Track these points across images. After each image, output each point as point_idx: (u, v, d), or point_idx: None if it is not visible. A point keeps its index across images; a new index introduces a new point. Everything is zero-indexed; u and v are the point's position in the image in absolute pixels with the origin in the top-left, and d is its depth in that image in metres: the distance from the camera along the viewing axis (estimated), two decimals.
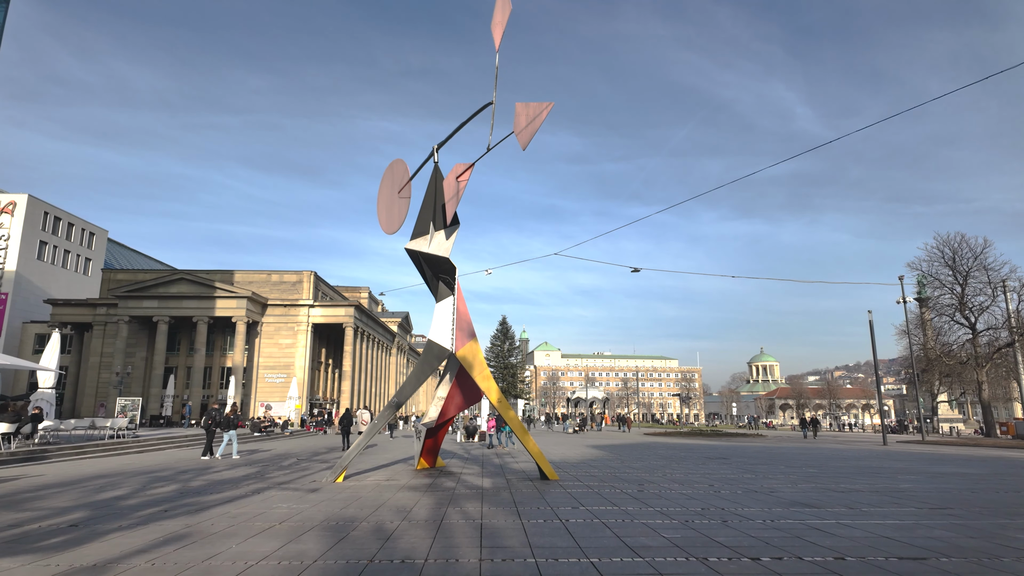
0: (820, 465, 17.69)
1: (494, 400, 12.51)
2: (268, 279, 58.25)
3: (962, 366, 47.03)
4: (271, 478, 12.87)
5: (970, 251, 45.18)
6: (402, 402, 12.76)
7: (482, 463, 16.96)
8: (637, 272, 31.17)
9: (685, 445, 29.20)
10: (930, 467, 17.46)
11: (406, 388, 12.92)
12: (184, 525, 7.35)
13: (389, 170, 15.30)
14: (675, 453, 22.46)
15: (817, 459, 20.30)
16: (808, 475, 14.37)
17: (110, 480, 12.49)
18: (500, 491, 10.68)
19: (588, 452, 22.35)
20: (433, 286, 13.89)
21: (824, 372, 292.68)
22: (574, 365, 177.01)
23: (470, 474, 13.70)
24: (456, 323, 12.82)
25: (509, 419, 12.54)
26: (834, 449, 27.55)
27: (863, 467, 17.16)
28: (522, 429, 12.47)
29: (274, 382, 55.69)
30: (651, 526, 7.38)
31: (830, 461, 19.44)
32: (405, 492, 10.51)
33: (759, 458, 20.37)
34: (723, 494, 10.52)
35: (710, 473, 14.51)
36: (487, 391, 12.57)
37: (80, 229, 73.59)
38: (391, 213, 14.55)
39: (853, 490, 11.34)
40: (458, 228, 14.05)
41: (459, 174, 13.38)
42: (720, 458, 20.15)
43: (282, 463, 16.90)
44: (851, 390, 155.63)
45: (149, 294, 53.11)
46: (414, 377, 12.93)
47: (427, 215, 13.91)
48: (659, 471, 14.85)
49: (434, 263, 13.50)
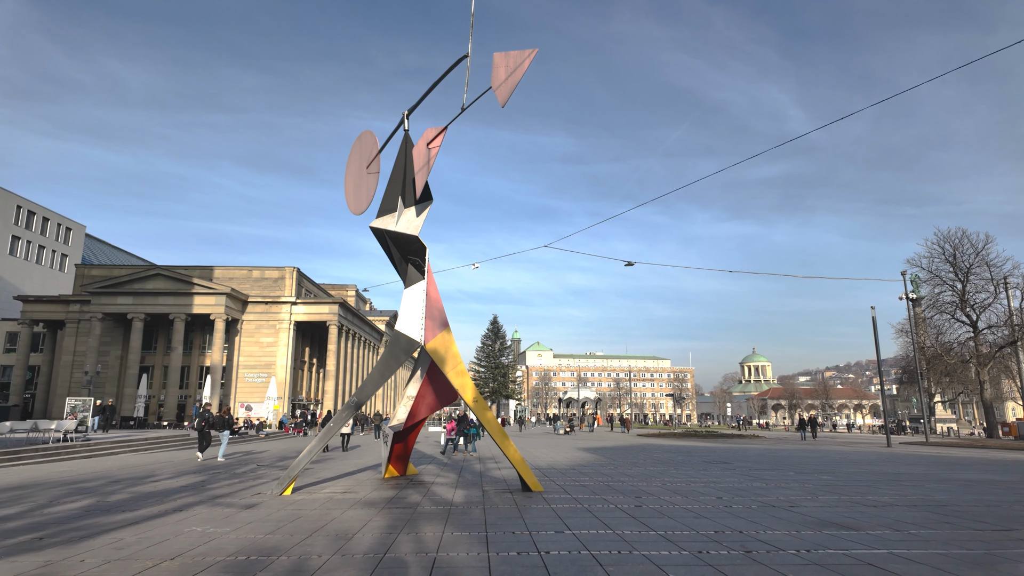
0: (832, 471, 16.12)
1: (469, 399, 10.83)
2: (249, 275, 56.23)
3: (963, 365, 45.85)
4: (211, 490, 11.11)
5: (971, 247, 43.95)
6: (362, 401, 11.05)
7: (460, 470, 15.26)
8: (631, 266, 29.64)
9: (681, 447, 27.64)
10: (952, 473, 15.93)
11: (368, 385, 11.21)
12: (43, 563, 5.61)
13: (357, 143, 13.59)
14: (672, 457, 20.87)
15: (826, 463, 18.76)
16: (824, 484, 12.78)
17: (19, 493, 10.69)
18: (472, 507, 9.00)
19: (579, 456, 20.71)
20: (402, 269, 12.19)
21: (815, 373, 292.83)
22: (566, 365, 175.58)
23: (443, 484, 12.00)
24: (426, 311, 11.12)
25: (486, 421, 10.85)
26: (839, 452, 26.06)
27: (880, 473, 15.60)
28: (501, 433, 10.79)
29: (255, 382, 53.65)
30: (656, 561, 5.72)
31: (841, 466, 17.89)
32: (358, 509, 8.80)
33: (763, 462, 18.80)
34: (735, 509, 8.89)
35: (714, 481, 12.90)
36: (461, 389, 10.89)
37: (56, 224, 71.19)
38: (359, 191, 12.85)
39: (885, 503, 9.74)
40: (430, 204, 12.36)
41: (430, 140, 11.70)
42: (721, 462, 18.57)
43: (236, 470, 15.12)
44: (844, 390, 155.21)
45: (123, 290, 50.96)
46: (378, 373, 11.21)
47: (395, 190, 12.21)
48: (657, 479, 13.22)
49: (402, 243, 11.80)
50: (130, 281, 51.05)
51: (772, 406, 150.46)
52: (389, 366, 11.19)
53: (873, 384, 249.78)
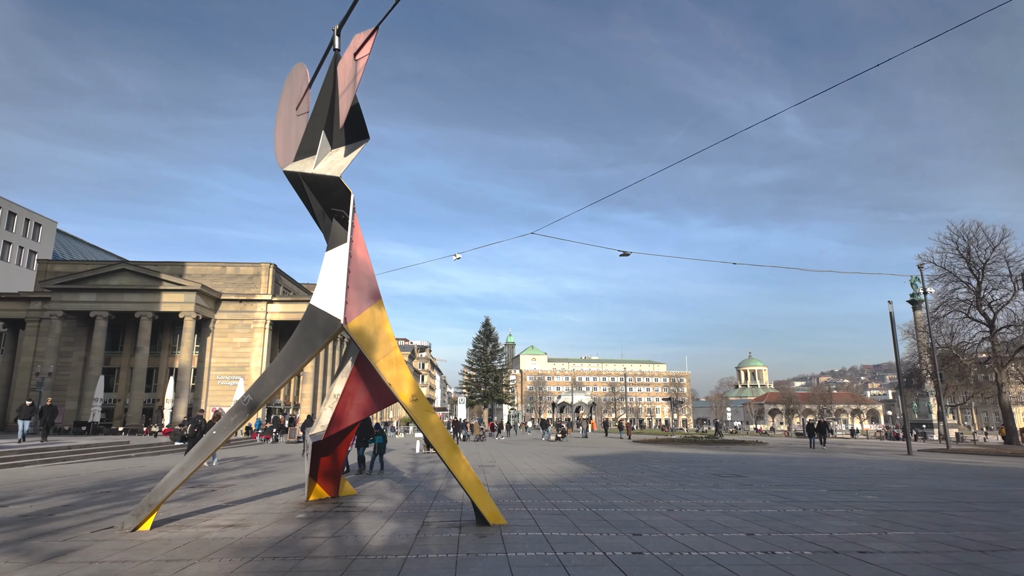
0: (869, 486, 13.21)
1: (405, 397, 7.90)
2: (223, 271, 53.14)
3: (979, 366, 43.17)
4: (57, 519, 8.12)
5: (987, 241, 41.25)
6: (258, 401, 8.11)
7: (414, 489, 12.29)
8: (626, 256, 26.93)
9: (682, 456, 24.70)
10: (1017, 490, 13.06)
11: (268, 379, 8.26)
12: None
13: (289, 81, 10.69)
14: (674, 468, 17.94)
15: (856, 477, 15.87)
16: (876, 509, 9.87)
17: None
18: (388, 556, 6.05)
19: (566, 467, 17.75)
20: (325, 226, 9.27)
21: (810, 377, 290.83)
22: (561, 369, 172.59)
23: (375, 512, 9.04)
24: (349, 278, 8.19)
25: (429, 428, 7.91)
26: (859, 461, 23.19)
27: (930, 490, 12.70)
28: (449, 445, 7.86)
29: (227, 384, 50.43)
30: None
31: (876, 480, 14.98)
32: (216, 561, 5.85)
33: (781, 475, 15.89)
34: (782, 559, 5.98)
35: (734, 504, 9.98)
36: (394, 383, 7.95)
37: (24, 219, 67.92)
38: (288, 139, 9.97)
39: (992, 545, 6.84)
40: (365, 143, 9.46)
41: (356, 49, 8.81)
42: (733, 475, 15.67)
43: (132, 489, 12.10)
44: (842, 395, 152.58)
45: (86, 286, 47.75)
46: (283, 363, 8.26)
47: (318, 123, 9.32)
48: (660, 501, 10.29)
49: (322, 190, 8.90)
50: (93, 277, 47.87)
51: (769, 411, 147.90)
52: (299, 353, 8.25)
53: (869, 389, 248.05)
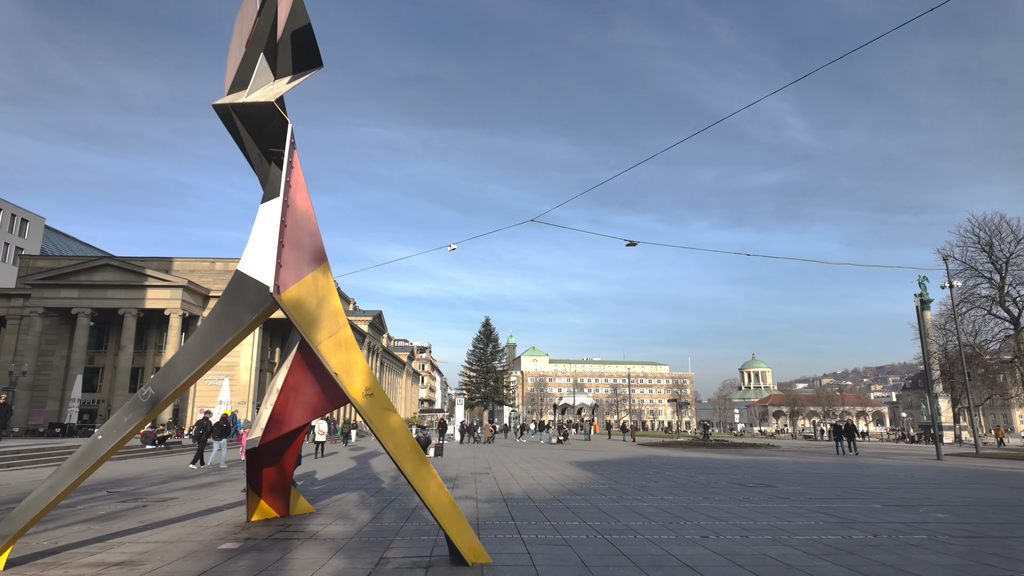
0: (926, 500, 11.15)
1: (356, 391, 5.89)
2: (211, 267, 51.18)
3: (1003, 365, 41.08)
4: None
5: (1011, 233, 39.08)
6: (162, 394, 6.10)
7: (389, 503, 10.26)
8: (633, 246, 24.97)
9: (694, 460, 22.64)
10: None
11: (178, 366, 6.21)
12: None
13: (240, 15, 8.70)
14: (691, 476, 15.88)
15: (902, 487, 13.81)
16: (967, 535, 7.82)
17: None
18: None
19: (569, 475, 15.69)
20: (262, 173, 7.27)
21: (812, 380, 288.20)
22: (562, 371, 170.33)
23: (326, 541, 7.02)
24: (284, 234, 6.19)
25: (388, 432, 5.87)
26: (892, 467, 21.14)
27: (1003, 504, 10.62)
28: (415, 457, 5.83)
29: (215, 384, 48.28)
30: None
31: (929, 491, 12.92)
32: None
33: (814, 485, 13.84)
34: None
35: (782, 527, 7.96)
36: (341, 372, 5.94)
37: (10, 215, 66.06)
38: None
39: None
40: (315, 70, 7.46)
41: None
42: (761, 485, 13.63)
43: None
44: (848, 397, 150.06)
45: (68, 282, 45.79)
46: (199, 344, 6.25)
47: (256, 47, 7.36)
48: (690, 523, 8.28)
49: (255, 123, 6.91)
50: (75, 272, 45.92)
51: (773, 413, 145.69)
52: (220, 332, 6.24)
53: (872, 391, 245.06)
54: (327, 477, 14.84)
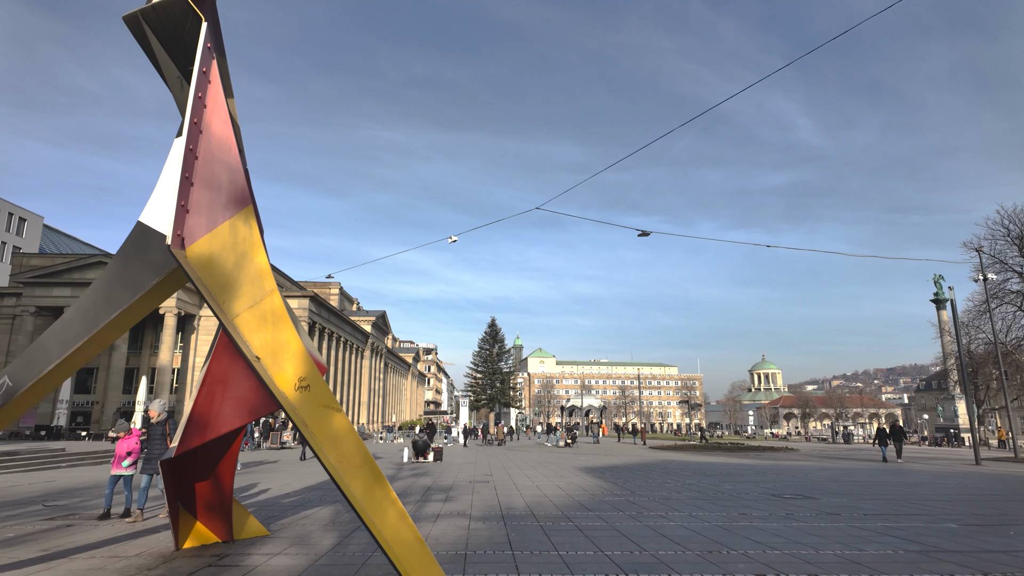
0: (1004, 516, 9.36)
1: (286, 381, 4.22)
2: None
3: None
4: None
5: None
6: (21, 384, 4.48)
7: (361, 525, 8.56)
8: (645, 236, 23.25)
9: (714, 466, 20.81)
10: None
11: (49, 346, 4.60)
12: None
13: None
14: (715, 484, 14.09)
15: (961, 499, 11.99)
16: None
17: None
18: None
19: (579, 484, 13.94)
20: (182, 101, 5.61)
21: (822, 381, 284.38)
22: (570, 372, 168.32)
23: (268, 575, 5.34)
24: (191, 166, 4.53)
25: (330, 438, 4.20)
26: (936, 475, 19.26)
27: None
28: (367, 473, 4.15)
29: None
30: None
31: (997, 505, 11.10)
32: None
33: (860, 496, 12.04)
34: None
35: (857, 561, 6.22)
36: (265, 355, 4.26)
37: (7, 213, 65.07)
38: None
39: None
40: None
41: None
42: (800, 497, 11.86)
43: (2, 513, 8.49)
44: (861, 398, 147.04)
45: (61, 280, 44.54)
46: (77, 317, 4.63)
47: None
48: (735, 552, 6.54)
49: (169, 32, 5.25)
50: (68, 270, 44.67)
51: (784, 415, 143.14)
52: (110, 300, 4.61)
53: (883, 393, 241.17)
54: (304, 487, 13.18)
